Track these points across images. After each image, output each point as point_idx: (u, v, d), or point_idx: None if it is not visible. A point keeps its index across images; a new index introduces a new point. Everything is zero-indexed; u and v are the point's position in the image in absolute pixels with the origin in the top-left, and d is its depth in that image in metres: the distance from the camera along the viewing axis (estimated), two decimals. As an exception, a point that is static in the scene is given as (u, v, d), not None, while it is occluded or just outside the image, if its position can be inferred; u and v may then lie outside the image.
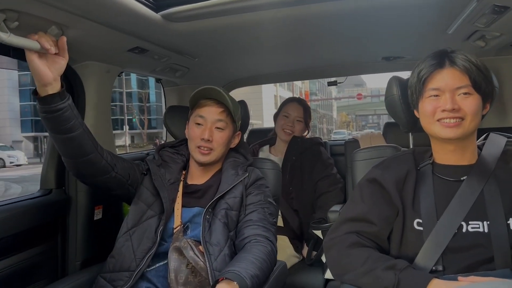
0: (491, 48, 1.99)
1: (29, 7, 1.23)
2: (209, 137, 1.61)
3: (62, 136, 1.42)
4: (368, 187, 1.36)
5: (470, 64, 1.22)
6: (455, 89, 1.22)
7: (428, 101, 1.26)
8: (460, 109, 1.21)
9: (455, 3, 1.51)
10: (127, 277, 1.48)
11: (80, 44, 1.60)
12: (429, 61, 1.27)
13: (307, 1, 1.50)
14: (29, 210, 1.74)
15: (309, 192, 2.53)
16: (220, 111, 1.65)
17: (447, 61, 1.24)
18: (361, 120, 66.67)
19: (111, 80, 2.08)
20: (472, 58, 1.24)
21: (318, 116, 53.26)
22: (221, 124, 1.64)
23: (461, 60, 1.23)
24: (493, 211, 1.20)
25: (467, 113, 1.21)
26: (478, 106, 1.23)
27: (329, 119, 59.54)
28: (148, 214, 1.58)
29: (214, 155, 1.64)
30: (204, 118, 1.64)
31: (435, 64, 1.26)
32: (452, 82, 1.23)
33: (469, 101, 1.22)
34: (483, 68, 1.24)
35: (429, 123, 1.28)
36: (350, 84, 65.87)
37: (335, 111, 64.40)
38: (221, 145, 1.65)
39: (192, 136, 1.65)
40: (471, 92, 1.22)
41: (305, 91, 40.29)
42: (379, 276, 1.15)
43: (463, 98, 1.22)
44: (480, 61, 1.25)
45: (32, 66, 1.28)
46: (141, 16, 1.48)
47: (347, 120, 67.36)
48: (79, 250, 1.93)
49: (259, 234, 1.50)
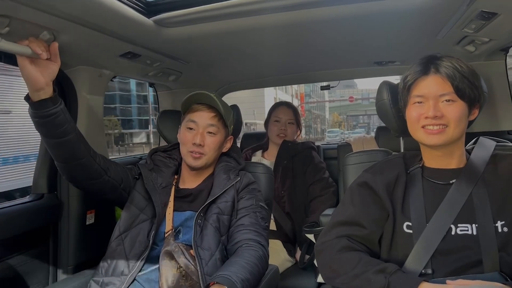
0: (481, 53, 2.02)
1: (20, 12, 1.23)
2: (200, 142, 1.62)
3: (54, 140, 1.42)
4: (358, 191, 1.37)
5: (454, 71, 1.23)
6: (438, 96, 1.24)
7: (413, 108, 1.29)
8: (443, 116, 1.23)
9: (444, 9, 1.52)
10: (119, 282, 1.48)
11: (72, 49, 1.60)
12: (415, 68, 1.29)
13: (299, 7, 1.51)
14: (21, 214, 1.73)
15: (301, 195, 2.54)
16: (211, 115, 1.65)
17: (432, 68, 1.26)
18: (352, 120, 69.04)
19: (103, 84, 2.08)
20: (458, 64, 1.25)
21: (313, 117, 55.37)
22: (212, 128, 1.65)
23: (445, 68, 1.24)
24: (481, 214, 1.21)
25: (450, 120, 1.23)
26: (461, 113, 1.24)
27: (322, 119, 62.46)
28: (141, 218, 1.58)
29: (206, 159, 1.65)
30: (196, 122, 1.64)
31: (419, 71, 1.28)
32: (435, 90, 1.24)
33: (452, 108, 1.23)
34: (468, 73, 1.25)
35: (414, 129, 1.30)
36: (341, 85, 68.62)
37: (327, 112, 67.52)
38: (213, 150, 1.66)
39: (184, 140, 1.65)
40: (454, 99, 1.23)
41: (301, 93, 42.25)
42: (370, 279, 1.16)
43: (446, 105, 1.23)
44: (467, 67, 1.26)
45: (24, 71, 1.28)
46: (133, 21, 1.48)
47: (339, 120, 69.79)
48: (72, 255, 1.92)
49: (251, 239, 1.51)
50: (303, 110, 41.72)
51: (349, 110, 69.48)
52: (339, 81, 3.39)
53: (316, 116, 58.60)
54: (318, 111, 62.09)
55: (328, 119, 66.98)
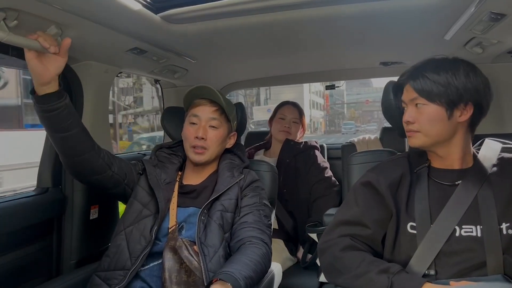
0: (489, 55, 2.01)
1: (29, 6, 1.24)
2: (203, 135, 1.62)
3: (59, 134, 1.42)
4: (362, 191, 1.36)
5: (418, 75, 1.26)
6: (410, 101, 1.28)
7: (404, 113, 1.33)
8: (415, 122, 1.27)
9: (452, 10, 1.51)
10: (121, 276, 1.48)
11: (79, 43, 1.60)
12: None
13: (307, 5, 1.51)
14: (25, 208, 1.74)
15: (304, 194, 2.54)
16: (213, 109, 1.66)
17: (406, 76, 1.31)
18: (367, 115, 76.19)
19: (109, 80, 2.08)
20: (428, 65, 1.28)
21: (335, 113, 67.23)
22: (215, 122, 1.66)
23: (410, 73, 1.29)
24: (486, 216, 1.20)
25: (422, 124, 1.26)
26: (433, 116, 1.25)
27: (342, 114, 73.97)
28: (144, 214, 1.59)
29: (208, 154, 1.65)
30: (198, 116, 1.65)
31: (405, 76, 1.32)
32: (407, 95, 1.30)
33: (422, 111, 1.26)
34: (434, 70, 1.25)
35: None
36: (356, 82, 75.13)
37: (345, 108, 76.71)
38: (215, 144, 1.66)
39: (187, 135, 1.66)
40: (423, 103, 1.25)
41: (325, 94, 50.22)
42: (373, 279, 1.15)
43: (418, 109, 1.27)
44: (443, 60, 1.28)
45: (30, 65, 1.29)
46: (140, 17, 1.48)
47: (356, 116, 76.71)
48: (75, 249, 1.93)
49: (254, 236, 1.50)
50: (328, 107, 56.07)
51: (364, 106, 75.32)
52: (345, 82, 3.39)
53: (338, 112, 69.46)
54: (338, 108, 72.35)
55: (346, 115, 74.52)
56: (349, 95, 78.18)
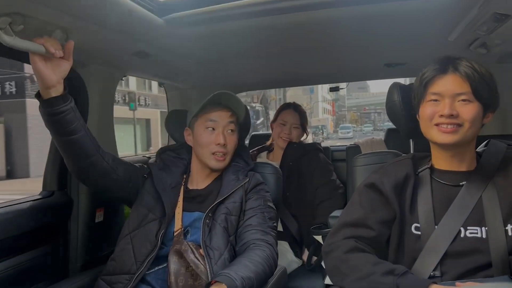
0: (493, 55, 2.00)
1: (35, 11, 1.24)
2: (224, 142, 1.63)
3: (64, 138, 1.43)
4: (366, 192, 1.36)
5: (473, 72, 1.22)
6: (455, 95, 1.22)
7: (428, 105, 1.27)
8: (458, 116, 1.21)
9: (457, 10, 1.51)
10: (127, 280, 1.49)
11: (84, 47, 1.61)
12: (432, 66, 1.28)
13: (311, 8, 1.51)
14: (31, 211, 1.74)
15: (308, 197, 2.53)
16: (230, 114, 1.68)
17: (451, 67, 1.24)
18: (365, 117, 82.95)
19: (114, 83, 2.09)
20: (476, 66, 1.23)
21: (339, 117, 78.46)
22: (232, 126, 1.67)
23: (464, 67, 1.23)
24: (491, 217, 1.20)
25: (465, 120, 1.21)
26: (477, 114, 1.22)
27: (345, 117, 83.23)
28: (149, 218, 1.59)
29: (228, 159, 1.67)
30: (217, 121, 1.65)
31: (438, 69, 1.26)
32: (452, 88, 1.22)
33: (468, 108, 1.21)
34: (487, 77, 1.24)
35: (427, 127, 1.28)
36: (354, 88, 79.97)
37: (346, 111, 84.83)
38: (233, 148, 1.68)
39: (206, 142, 1.64)
40: (471, 100, 1.21)
41: (332, 102, 60.47)
42: (378, 281, 1.15)
43: (462, 104, 1.21)
44: (486, 70, 1.25)
45: (35, 68, 1.29)
46: (144, 20, 1.49)
47: (355, 118, 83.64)
48: (80, 252, 1.93)
49: (258, 239, 1.51)
50: (334, 112, 66.77)
51: (362, 108, 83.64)
52: (348, 83, 3.39)
53: (342, 116, 79.69)
54: (342, 112, 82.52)
55: (347, 117, 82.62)
56: (349, 99, 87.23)
